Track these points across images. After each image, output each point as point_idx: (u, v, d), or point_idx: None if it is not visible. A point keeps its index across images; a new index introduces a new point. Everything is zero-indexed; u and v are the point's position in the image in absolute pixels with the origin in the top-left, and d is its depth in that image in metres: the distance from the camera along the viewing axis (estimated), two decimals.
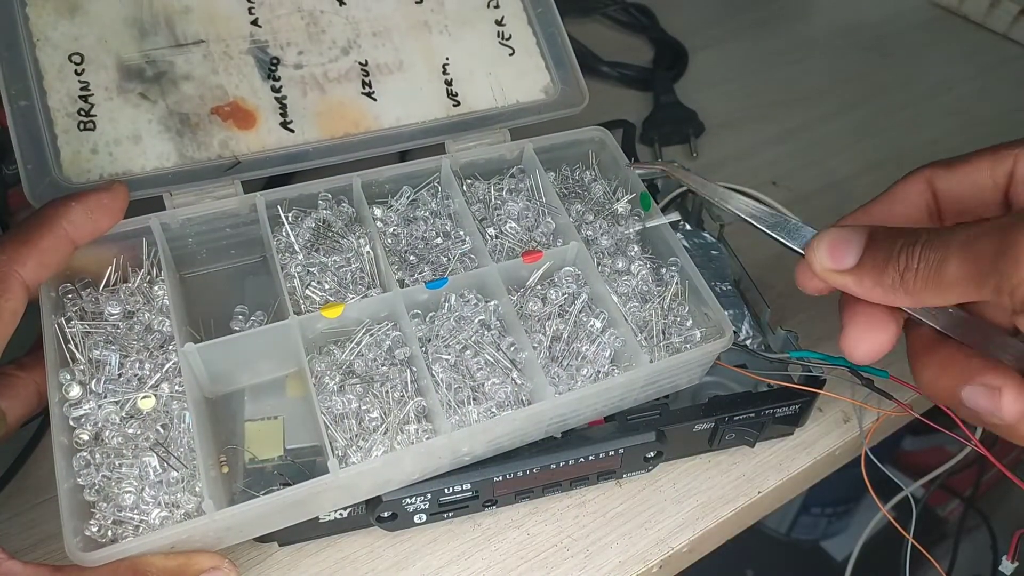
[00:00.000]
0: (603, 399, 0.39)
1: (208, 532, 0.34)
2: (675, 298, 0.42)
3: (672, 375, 0.40)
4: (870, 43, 0.78)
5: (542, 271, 0.42)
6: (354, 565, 0.40)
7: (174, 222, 0.41)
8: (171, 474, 0.35)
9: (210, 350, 0.37)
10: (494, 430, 0.37)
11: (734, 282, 0.47)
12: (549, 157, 0.46)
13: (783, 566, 1.01)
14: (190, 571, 0.33)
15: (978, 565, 0.87)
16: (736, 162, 0.64)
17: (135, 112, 0.41)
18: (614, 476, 0.42)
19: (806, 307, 0.53)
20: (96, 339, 0.37)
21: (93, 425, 0.35)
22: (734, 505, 0.43)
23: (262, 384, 0.41)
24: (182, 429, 0.36)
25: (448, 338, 0.39)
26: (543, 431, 0.39)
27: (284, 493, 0.33)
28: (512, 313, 0.40)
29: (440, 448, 0.36)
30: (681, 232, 0.50)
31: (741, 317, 0.45)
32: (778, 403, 0.42)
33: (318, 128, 0.44)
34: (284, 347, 0.38)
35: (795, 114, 0.69)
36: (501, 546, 0.41)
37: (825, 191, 0.62)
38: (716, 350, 0.39)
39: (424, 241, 0.43)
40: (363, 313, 0.40)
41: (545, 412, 0.37)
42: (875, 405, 0.46)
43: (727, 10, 0.82)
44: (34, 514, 0.42)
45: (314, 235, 0.42)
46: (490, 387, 0.38)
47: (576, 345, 0.39)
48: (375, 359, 0.39)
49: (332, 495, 0.36)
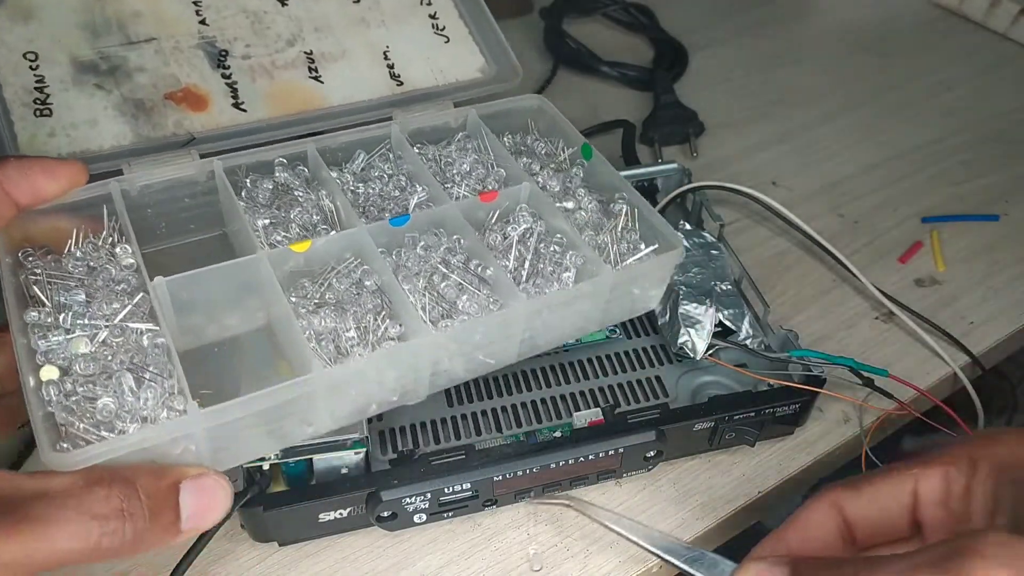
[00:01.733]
0: (572, 311, 0.40)
1: (194, 447, 0.32)
2: (626, 227, 0.43)
3: (634, 287, 0.42)
4: (870, 43, 0.78)
5: (499, 211, 0.43)
6: (354, 565, 0.40)
7: (133, 188, 0.41)
8: (148, 392, 0.33)
9: (179, 283, 0.37)
10: (468, 334, 0.37)
11: (734, 282, 0.47)
12: (492, 125, 0.47)
13: None
14: (175, 476, 0.31)
15: None
16: (736, 162, 0.64)
17: (90, 100, 0.43)
18: (614, 476, 0.42)
19: (806, 307, 0.53)
20: (60, 286, 0.36)
21: (63, 360, 0.34)
22: (734, 505, 0.43)
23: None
24: (156, 355, 0.35)
25: (415, 268, 0.40)
26: (516, 348, 0.40)
27: (270, 390, 0.33)
28: (476, 241, 0.41)
29: (417, 352, 0.36)
30: (681, 232, 0.50)
31: (741, 316, 0.45)
32: (778, 403, 0.42)
33: (269, 108, 0.46)
34: (255, 284, 0.38)
35: (795, 114, 0.69)
36: (501, 546, 0.41)
37: (825, 191, 0.62)
38: (672, 261, 0.41)
39: (382, 197, 0.44)
40: (331, 249, 0.40)
41: (517, 316, 0.38)
42: (875, 405, 0.46)
43: (727, 10, 0.82)
44: None
45: (273, 195, 0.43)
46: (462, 304, 0.38)
47: (540, 266, 0.41)
48: (347, 290, 0.39)
49: (321, 401, 0.35)
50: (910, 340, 0.51)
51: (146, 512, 0.29)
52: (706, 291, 0.46)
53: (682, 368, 0.46)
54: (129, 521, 0.28)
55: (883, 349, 0.50)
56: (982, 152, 0.65)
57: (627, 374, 0.46)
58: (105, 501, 0.28)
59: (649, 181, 0.55)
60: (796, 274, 0.55)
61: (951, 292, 0.54)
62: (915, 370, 0.49)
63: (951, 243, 0.57)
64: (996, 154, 0.65)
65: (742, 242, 0.57)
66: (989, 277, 0.55)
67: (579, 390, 0.45)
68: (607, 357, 0.47)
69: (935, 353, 0.50)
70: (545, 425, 0.43)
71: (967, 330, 0.51)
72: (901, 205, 0.60)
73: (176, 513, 0.30)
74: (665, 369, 0.46)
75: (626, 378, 0.46)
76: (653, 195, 0.55)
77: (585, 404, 0.44)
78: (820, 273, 0.55)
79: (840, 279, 0.55)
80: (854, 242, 0.57)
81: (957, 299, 0.54)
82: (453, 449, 0.39)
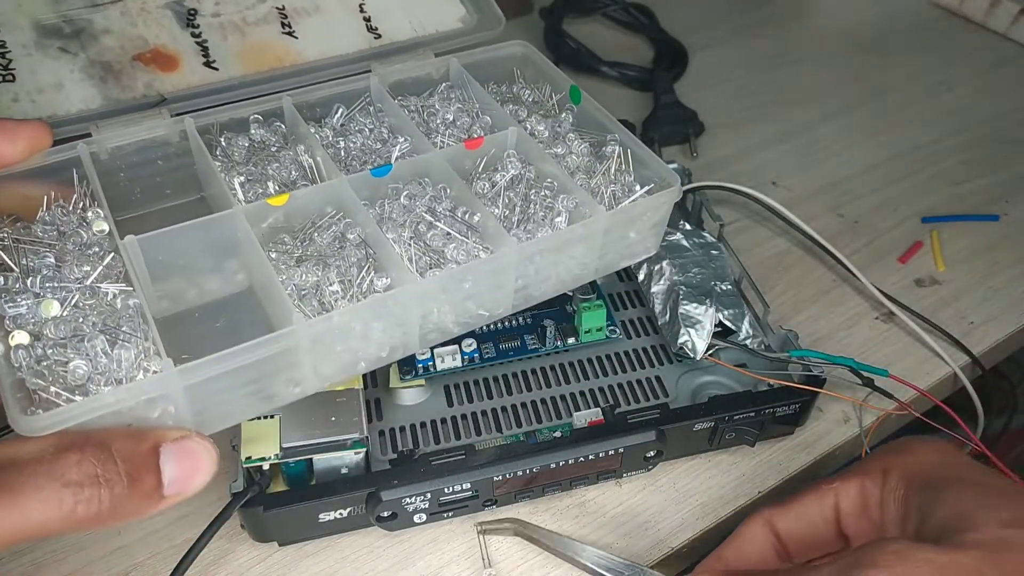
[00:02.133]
0: (567, 257, 0.39)
1: (173, 408, 0.31)
2: (620, 169, 0.42)
3: (631, 231, 0.41)
4: (870, 43, 0.78)
5: (486, 159, 0.42)
6: (354, 565, 0.40)
7: (103, 151, 0.40)
8: (122, 353, 0.31)
9: (151, 242, 0.35)
10: (457, 281, 0.36)
11: (734, 282, 0.47)
12: (475, 74, 0.46)
13: None
14: (154, 439, 0.29)
15: None
16: (736, 162, 0.64)
17: (56, 64, 0.42)
18: (614, 476, 0.42)
19: (806, 307, 0.53)
20: (28, 251, 0.35)
21: (33, 325, 0.33)
22: (734, 505, 0.43)
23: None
24: (129, 316, 0.33)
25: (400, 219, 0.39)
26: (510, 299, 0.39)
27: (249, 345, 0.31)
28: (462, 188, 0.40)
29: (404, 301, 0.35)
30: (681, 232, 0.50)
31: (741, 316, 0.45)
32: (778, 402, 0.42)
33: (242, 65, 0.44)
34: (233, 242, 0.37)
35: (795, 114, 0.69)
36: (501, 546, 0.41)
37: (825, 191, 0.62)
38: (668, 199, 0.40)
39: (363, 151, 0.43)
40: (311, 203, 0.39)
41: (509, 262, 0.37)
42: (875, 405, 0.46)
43: (727, 10, 0.82)
44: None
45: (249, 153, 0.42)
46: (450, 253, 0.37)
47: (530, 212, 0.39)
48: (329, 244, 0.38)
49: (306, 357, 0.34)
50: (910, 340, 0.51)
51: (124, 478, 0.28)
52: (706, 291, 0.46)
53: (682, 368, 0.46)
54: (105, 487, 0.27)
55: (883, 349, 0.50)
56: (982, 152, 0.65)
57: (627, 374, 0.46)
58: (78, 466, 0.27)
59: None
60: (796, 274, 0.55)
61: (951, 292, 0.54)
62: (915, 370, 0.49)
63: (951, 243, 0.57)
64: (996, 154, 0.65)
65: (742, 242, 0.57)
66: (989, 277, 0.55)
67: (579, 390, 0.45)
68: (607, 357, 0.47)
69: (935, 353, 0.50)
70: (545, 425, 0.43)
71: (967, 330, 0.51)
72: (901, 205, 0.60)
73: (157, 478, 0.29)
74: (665, 369, 0.46)
75: (626, 378, 0.46)
76: None
77: (585, 404, 0.44)
78: (820, 273, 0.55)
79: (840, 279, 0.55)
80: (854, 242, 0.57)
81: (957, 299, 0.53)
82: (453, 449, 0.39)
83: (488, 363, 0.45)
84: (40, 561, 0.40)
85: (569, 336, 0.46)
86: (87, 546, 0.40)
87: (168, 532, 0.41)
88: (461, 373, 0.45)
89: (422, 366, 0.44)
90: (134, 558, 0.40)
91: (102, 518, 0.27)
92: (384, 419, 0.44)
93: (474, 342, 0.45)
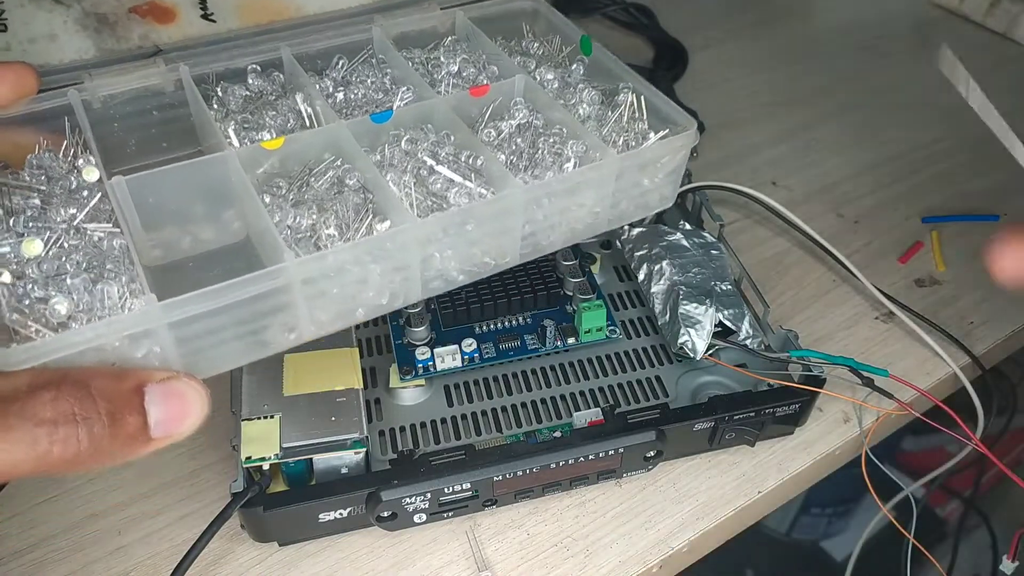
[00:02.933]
0: (577, 204, 0.37)
1: (159, 348, 0.29)
2: (633, 117, 0.40)
3: (644, 177, 0.39)
4: (870, 43, 0.78)
5: (492, 107, 0.40)
6: (354, 565, 0.40)
7: (95, 99, 0.38)
8: (106, 291, 0.30)
9: (140, 183, 0.34)
10: (459, 223, 0.34)
11: (734, 282, 0.47)
12: (483, 30, 0.44)
13: (783, 566, 1.01)
14: (137, 379, 0.28)
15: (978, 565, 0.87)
16: (736, 162, 0.64)
17: (49, 16, 0.41)
18: (614, 476, 0.42)
19: (806, 307, 0.53)
20: (13, 192, 0.34)
21: (15, 266, 0.31)
22: (734, 505, 0.43)
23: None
24: (115, 257, 0.32)
25: (401, 165, 0.37)
26: (517, 246, 0.37)
27: (237, 281, 0.29)
28: (466, 135, 0.38)
29: (403, 242, 0.33)
30: (681, 232, 0.50)
31: (741, 316, 0.45)
32: (778, 402, 0.42)
33: (240, 18, 0.44)
34: (226, 188, 0.35)
35: (795, 114, 0.69)
36: (501, 546, 0.41)
37: (825, 191, 0.62)
38: (685, 143, 0.38)
39: (365, 100, 0.41)
40: (308, 147, 0.37)
41: (514, 204, 0.35)
42: (875, 404, 0.46)
43: (727, 10, 0.82)
44: (34, 514, 0.42)
45: (246, 103, 0.40)
46: (453, 197, 0.35)
47: (538, 157, 0.38)
48: (327, 190, 0.36)
49: (299, 299, 0.32)
50: (910, 340, 0.51)
51: (104, 417, 0.26)
52: (706, 291, 0.46)
53: (682, 368, 0.46)
54: (83, 426, 0.25)
55: (883, 349, 0.50)
56: (982, 152, 0.65)
57: (627, 374, 0.46)
58: (52, 404, 0.25)
59: None
60: (796, 274, 0.55)
61: (951, 292, 0.54)
62: (915, 370, 0.49)
63: (951, 243, 0.57)
64: (996, 154, 0.65)
65: (742, 242, 0.57)
66: (989, 277, 0.55)
67: (579, 390, 0.45)
68: (607, 357, 0.47)
69: (935, 353, 0.50)
70: (545, 425, 0.43)
71: (967, 330, 0.51)
72: (901, 205, 0.60)
73: (142, 419, 0.27)
74: (665, 369, 0.46)
75: (626, 378, 0.46)
76: None
77: (585, 404, 0.44)
78: (820, 273, 0.55)
79: (840, 279, 0.55)
80: (854, 242, 0.57)
81: (957, 299, 0.54)
82: (453, 449, 0.39)
83: (488, 363, 0.45)
84: (40, 561, 0.40)
85: (569, 336, 0.46)
86: (87, 546, 0.40)
87: (168, 532, 0.41)
88: (461, 373, 0.45)
89: (422, 366, 0.44)
90: (134, 558, 0.40)
91: (81, 459, 0.26)
92: (384, 419, 0.44)
93: (474, 342, 0.45)
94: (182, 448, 0.45)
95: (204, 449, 0.44)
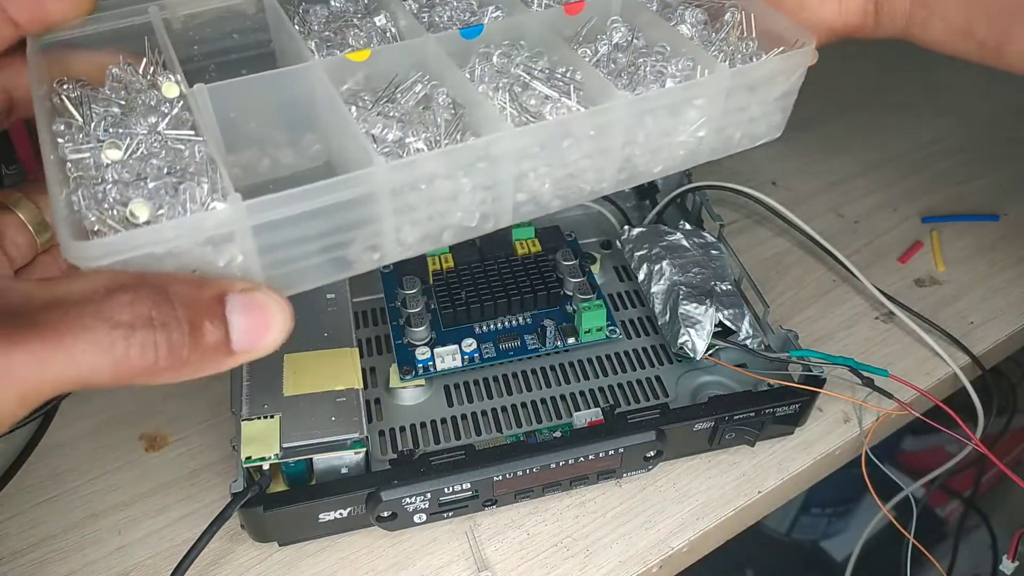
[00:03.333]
0: (680, 124, 0.35)
1: (241, 256, 0.28)
2: (741, 37, 0.38)
3: (754, 103, 0.37)
4: (869, 42, 0.78)
5: (588, 26, 0.38)
6: (354, 565, 0.40)
7: (175, 19, 0.37)
8: (187, 195, 0.28)
9: (222, 92, 0.33)
10: (558, 136, 0.32)
11: (734, 282, 0.47)
12: None
13: (783, 566, 1.01)
14: (219, 287, 0.27)
15: (978, 565, 0.87)
16: (736, 162, 0.64)
17: None
18: (614, 476, 0.42)
19: (806, 307, 0.53)
20: (95, 103, 0.33)
21: (96, 170, 0.30)
22: (734, 505, 0.43)
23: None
24: (197, 163, 0.30)
25: (492, 82, 0.35)
26: (615, 168, 0.35)
27: (323, 184, 0.28)
28: (563, 50, 0.35)
29: (496, 153, 0.31)
30: (681, 232, 0.50)
31: (741, 316, 0.45)
32: (778, 402, 0.42)
33: None
34: (306, 102, 0.34)
35: (795, 114, 0.69)
36: (501, 546, 0.41)
37: (825, 191, 0.62)
38: (801, 62, 0.36)
39: (452, 22, 0.39)
40: (394, 62, 0.35)
41: (617, 117, 0.33)
42: (875, 404, 0.46)
43: None
44: (34, 514, 0.42)
45: (328, 22, 0.38)
46: (550, 114, 0.33)
47: (638, 77, 0.35)
48: (415, 106, 0.34)
49: (385, 212, 0.30)
50: (910, 340, 0.51)
51: (184, 324, 0.25)
52: (706, 291, 0.46)
53: (682, 368, 0.46)
54: (161, 331, 0.24)
55: (883, 349, 0.50)
56: (982, 152, 0.65)
57: (627, 374, 0.46)
58: (130, 307, 0.24)
59: (649, 181, 0.55)
60: (796, 274, 0.55)
61: (951, 292, 0.54)
62: (915, 370, 0.49)
63: (951, 243, 0.57)
64: (996, 154, 0.65)
65: (742, 242, 0.57)
66: (989, 277, 0.55)
67: (579, 390, 0.45)
68: (607, 357, 0.47)
69: (935, 353, 0.50)
70: (545, 425, 0.43)
71: (967, 330, 0.51)
72: (901, 205, 0.60)
73: (224, 329, 0.26)
74: (665, 369, 0.46)
75: (626, 378, 0.46)
76: (653, 195, 0.55)
77: (585, 404, 0.44)
78: (820, 273, 0.55)
79: (840, 279, 0.55)
80: (854, 242, 0.57)
81: (957, 299, 0.54)
82: (453, 449, 0.39)
83: (488, 363, 0.45)
84: (40, 561, 0.40)
85: (569, 336, 0.46)
86: (87, 546, 0.40)
87: (168, 532, 0.41)
88: (461, 373, 0.45)
89: (422, 366, 0.44)
90: (134, 558, 0.40)
91: (160, 368, 0.25)
92: (384, 419, 0.44)
93: (474, 342, 0.45)
94: (182, 448, 0.45)
95: (204, 449, 0.44)
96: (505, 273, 0.48)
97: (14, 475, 0.43)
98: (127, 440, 0.45)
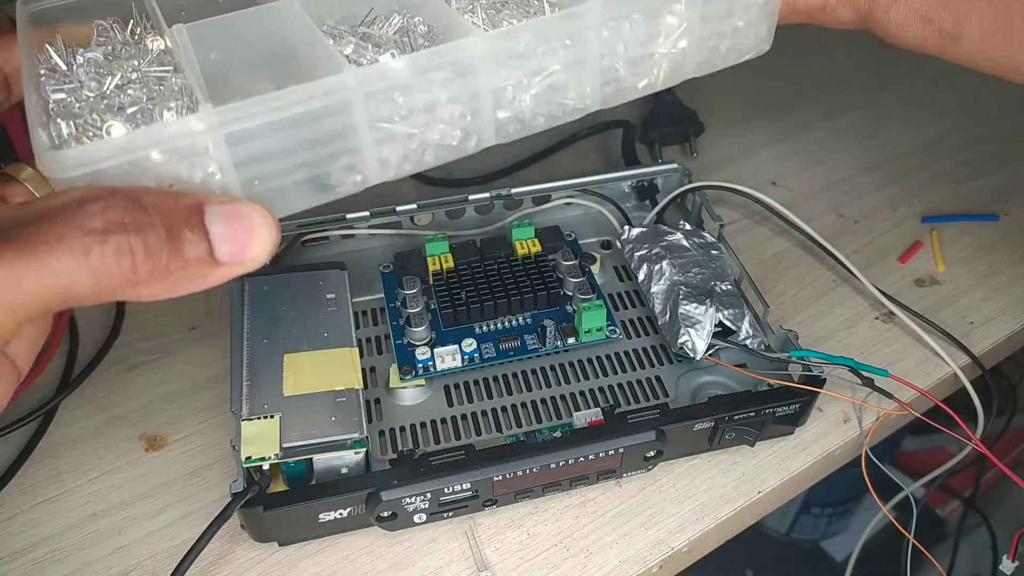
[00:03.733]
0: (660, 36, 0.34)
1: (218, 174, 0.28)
2: None
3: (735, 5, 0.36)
4: (869, 42, 0.78)
5: None
6: (354, 565, 0.40)
7: None
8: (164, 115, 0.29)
9: (201, 32, 0.32)
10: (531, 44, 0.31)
11: (734, 282, 0.47)
12: None
13: (783, 566, 1.01)
14: (196, 198, 0.26)
15: (978, 565, 0.87)
16: (736, 162, 0.64)
17: None
18: (614, 476, 0.42)
19: (806, 307, 0.53)
20: (77, 50, 0.33)
21: (77, 108, 0.30)
22: (734, 505, 0.43)
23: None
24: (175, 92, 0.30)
25: (468, 5, 0.34)
26: (597, 81, 0.34)
27: (296, 88, 0.28)
28: None
29: (469, 57, 0.30)
30: (681, 232, 0.50)
31: (741, 316, 0.45)
32: (778, 402, 0.42)
33: None
34: (287, 40, 0.33)
35: (795, 114, 0.69)
36: (501, 546, 0.41)
37: (825, 191, 0.62)
38: None
39: None
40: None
41: (591, 20, 0.32)
42: (875, 404, 0.46)
43: None
44: (34, 514, 0.42)
45: None
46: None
47: None
48: (392, 36, 0.34)
49: (362, 124, 0.30)
50: (910, 340, 0.51)
51: (159, 229, 0.25)
52: (706, 291, 0.46)
53: (682, 368, 0.46)
54: (136, 235, 0.24)
55: (883, 349, 0.50)
56: (982, 152, 0.65)
57: (627, 374, 0.46)
58: (101, 214, 0.24)
59: (649, 181, 0.55)
60: (796, 274, 0.55)
61: (951, 292, 0.54)
62: (915, 370, 0.49)
63: (951, 243, 0.57)
64: (996, 154, 0.65)
65: (742, 242, 0.57)
66: (989, 277, 0.55)
67: (579, 390, 0.45)
68: (607, 357, 0.47)
69: (935, 353, 0.50)
70: (545, 425, 0.43)
71: (967, 330, 0.51)
72: (901, 205, 0.60)
73: (204, 237, 0.26)
74: (665, 369, 0.46)
75: (626, 378, 0.46)
76: (653, 195, 0.55)
77: (585, 404, 0.44)
78: (820, 273, 0.55)
79: (840, 279, 0.55)
80: (854, 242, 0.57)
81: (957, 299, 0.54)
82: (453, 449, 0.39)
83: (488, 363, 0.45)
84: (40, 561, 0.40)
85: (569, 336, 0.46)
86: (87, 546, 0.40)
87: (168, 532, 0.41)
88: (461, 373, 0.45)
89: (422, 366, 0.44)
90: (134, 558, 0.40)
91: (141, 276, 0.24)
92: (384, 419, 0.44)
93: (474, 342, 0.45)
94: (182, 448, 0.45)
95: (204, 449, 0.44)
96: (505, 273, 0.48)
97: (14, 475, 0.43)
98: (127, 440, 0.45)
